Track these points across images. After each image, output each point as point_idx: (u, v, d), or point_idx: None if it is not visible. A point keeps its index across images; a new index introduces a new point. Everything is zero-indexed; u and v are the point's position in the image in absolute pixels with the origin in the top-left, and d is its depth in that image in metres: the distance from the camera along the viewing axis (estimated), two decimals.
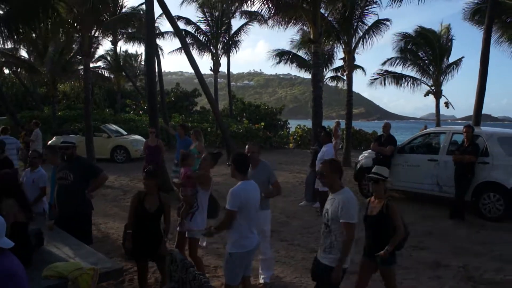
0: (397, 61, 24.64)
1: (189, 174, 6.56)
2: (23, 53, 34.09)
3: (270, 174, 6.40)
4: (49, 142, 17.44)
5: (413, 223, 9.98)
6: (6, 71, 34.97)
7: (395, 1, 16.32)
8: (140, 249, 5.69)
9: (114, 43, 31.93)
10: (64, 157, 6.52)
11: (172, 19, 19.85)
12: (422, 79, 24.88)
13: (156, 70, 25.18)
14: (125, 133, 22.28)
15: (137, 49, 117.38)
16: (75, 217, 6.28)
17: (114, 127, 22.53)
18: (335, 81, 30.79)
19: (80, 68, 27.74)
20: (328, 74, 30.14)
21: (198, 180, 6.32)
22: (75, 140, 6.86)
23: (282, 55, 27.58)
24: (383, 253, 4.89)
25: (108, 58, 35.53)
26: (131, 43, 32.98)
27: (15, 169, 8.41)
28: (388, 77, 24.80)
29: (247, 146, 6.39)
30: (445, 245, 8.47)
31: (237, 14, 32.84)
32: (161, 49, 35.05)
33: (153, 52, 15.95)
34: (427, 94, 24.67)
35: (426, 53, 24.61)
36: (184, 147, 11.56)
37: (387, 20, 20.48)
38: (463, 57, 24.68)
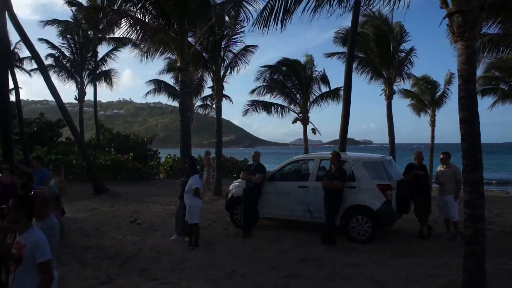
0: (265, 90, 25.27)
1: None
2: None
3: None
4: None
5: (286, 251, 9.97)
6: None
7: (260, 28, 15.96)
8: None
9: None
10: None
11: (29, 43, 18.48)
12: (290, 106, 25.66)
13: (15, 99, 23.55)
14: None
15: None
16: None
17: None
18: (205, 109, 30.92)
19: None
20: (198, 102, 30.24)
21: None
22: None
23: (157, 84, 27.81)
24: None
25: None
26: None
27: None
28: (259, 106, 25.36)
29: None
30: (319, 271, 8.45)
31: (103, 41, 31.96)
32: (30, 75, 33.08)
33: (7, 78, 14.70)
34: (295, 121, 25.43)
35: (293, 82, 25.42)
36: (41, 179, 10.87)
37: (254, 46, 20.85)
38: (340, 87, 24.28)
